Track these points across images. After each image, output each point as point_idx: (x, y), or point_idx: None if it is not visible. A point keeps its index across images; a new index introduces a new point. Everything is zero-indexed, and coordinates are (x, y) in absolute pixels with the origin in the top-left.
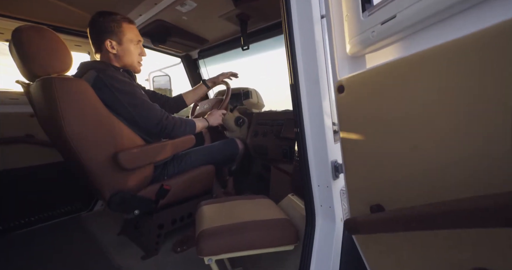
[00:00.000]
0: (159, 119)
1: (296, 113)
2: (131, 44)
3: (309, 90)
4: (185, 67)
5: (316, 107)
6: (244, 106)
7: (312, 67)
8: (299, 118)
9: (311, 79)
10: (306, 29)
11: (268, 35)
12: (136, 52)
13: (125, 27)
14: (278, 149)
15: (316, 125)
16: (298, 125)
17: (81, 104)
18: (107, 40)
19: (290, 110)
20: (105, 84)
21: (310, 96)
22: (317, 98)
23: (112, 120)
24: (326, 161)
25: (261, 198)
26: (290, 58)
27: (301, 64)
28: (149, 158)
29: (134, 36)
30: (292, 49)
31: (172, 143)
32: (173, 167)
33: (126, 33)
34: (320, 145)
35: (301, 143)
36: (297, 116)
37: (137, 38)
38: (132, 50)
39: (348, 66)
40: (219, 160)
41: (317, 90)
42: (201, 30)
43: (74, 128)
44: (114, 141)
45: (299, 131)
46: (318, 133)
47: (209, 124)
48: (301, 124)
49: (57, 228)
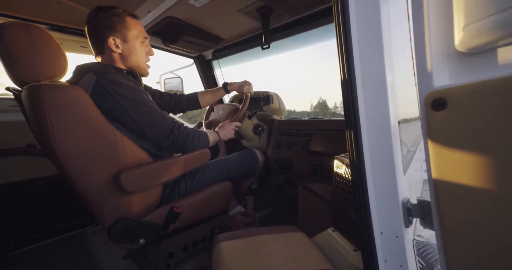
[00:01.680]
0: (170, 129)
1: (350, 129)
2: (137, 42)
3: (370, 100)
4: (198, 68)
5: (381, 125)
6: (263, 112)
7: (375, 67)
8: (354, 137)
9: (373, 84)
10: (368, 12)
11: (293, 31)
12: (143, 51)
13: (129, 22)
14: (306, 164)
15: (381, 150)
16: (353, 147)
17: (75, 116)
18: (110, 37)
19: (318, 118)
20: (107, 90)
21: (370, 108)
22: (382, 111)
23: (114, 134)
24: (394, 200)
25: (292, 232)
26: (343, 54)
27: (358, 62)
28: (157, 179)
29: (139, 32)
30: (347, 42)
31: (184, 159)
32: (185, 186)
33: (131, 29)
34: (384, 177)
35: (357, 172)
36: (352, 133)
37: (143, 35)
38: (138, 49)
39: (457, 68)
40: (237, 175)
41: (382, 100)
42: (216, 28)
43: (66, 145)
44: (116, 159)
45: (355, 155)
46: (382, 160)
47: (220, 138)
48: (358, 147)
49: (60, 246)
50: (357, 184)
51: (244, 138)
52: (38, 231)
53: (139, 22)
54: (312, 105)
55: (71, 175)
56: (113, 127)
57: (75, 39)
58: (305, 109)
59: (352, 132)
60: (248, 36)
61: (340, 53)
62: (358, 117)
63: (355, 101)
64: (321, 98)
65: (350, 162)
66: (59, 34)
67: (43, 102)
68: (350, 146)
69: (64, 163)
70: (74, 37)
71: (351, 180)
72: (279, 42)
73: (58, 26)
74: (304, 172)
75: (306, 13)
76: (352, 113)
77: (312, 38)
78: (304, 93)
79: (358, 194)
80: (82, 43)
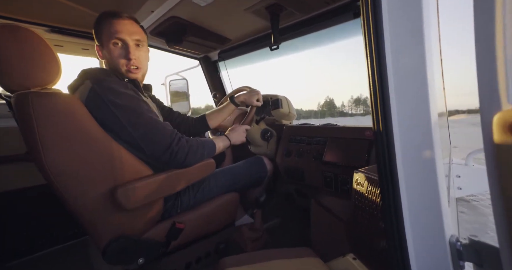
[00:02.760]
0: (169, 143)
1: (380, 140)
2: (110, 45)
3: (406, 104)
4: (203, 70)
5: (420, 136)
6: (272, 117)
7: (413, 68)
8: (385, 150)
9: (411, 85)
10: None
11: (304, 30)
12: (116, 54)
13: (103, 24)
14: (319, 176)
15: (420, 169)
16: (384, 163)
17: (67, 126)
18: (96, 45)
19: (332, 125)
20: (101, 98)
21: (406, 114)
22: (422, 119)
23: (110, 145)
24: (438, 237)
25: (306, 257)
26: (372, 49)
27: (390, 59)
28: (157, 193)
29: (111, 34)
30: (378, 34)
31: (186, 171)
32: (188, 198)
33: (104, 32)
34: (425, 205)
35: (388, 195)
36: (381, 145)
37: (115, 35)
38: (111, 52)
39: None
40: (244, 185)
41: (422, 106)
42: (222, 28)
43: (56, 160)
44: (112, 173)
45: (386, 174)
46: (422, 183)
47: (231, 143)
48: (391, 163)
49: (62, 255)
50: (389, 210)
51: (251, 144)
52: (39, 240)
53: (118, 23)
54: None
55: (61, 190)
56: (109, 138)
57: (76, 41)
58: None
59: (382, 143)
60: (255, 36)
61: (368, 48)
62: (391, 125)
63: (387, 106)
64: (328, 97)
65: (380, 181)
66: (59, 36)
67: (30, 111)
68: (380, 161)
69: (53, 176)
70: (75, 39)
71: (382, 205)
72: (288, 42)
73: (59, 27)
74: (317, 184)
75: (320, 11)
76: (382, 119)
77: (322, 37)
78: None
79: (389, 223)
80: (84, 45)
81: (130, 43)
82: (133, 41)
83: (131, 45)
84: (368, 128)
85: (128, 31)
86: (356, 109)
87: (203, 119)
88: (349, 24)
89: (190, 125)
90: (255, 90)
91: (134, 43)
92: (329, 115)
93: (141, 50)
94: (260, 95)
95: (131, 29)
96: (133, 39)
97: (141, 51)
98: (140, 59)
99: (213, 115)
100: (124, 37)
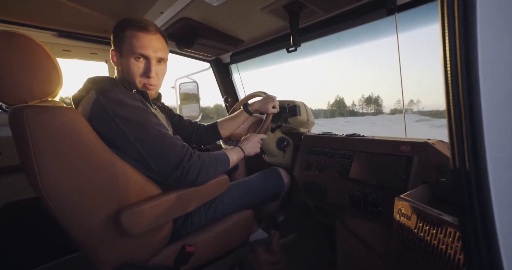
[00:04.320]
0: (179, 160)
1: (461, 158)
2: (131, 58)
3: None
4: (214, 73)
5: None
6: (289, 125)
7: None
8: (470, 175)
9: None
10: None
11: (327, 31)
12: (135, 69)
13: (128, 34)
14: (344, 193)
15: None
16: (473, 197)
17: (66, 144)
18: (111, 50)
19: (359, 136)
20: (106, 111)
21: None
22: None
23: (114, 164)
24: None
25: None
26: (454, 37)
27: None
28: (165, 216)
29: (134, 47)
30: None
31: (198, 190)
32: (199, 217)
33: (126, 42)
34: None
35: (479, 247)
36: (463, 165)
37: (139, 51)
38: (131, 66)
39: None
40: (259, 201)
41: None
42: (236, 28)
43: (52, 181)
44: (116, 194)
45: (476, 213)
46: None
47: (245, 155)
48: (483, 197)
49: (66, 268)
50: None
51: (266, 153)
52: (42, 252)
53: (144, 37)
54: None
55: (59, 214)
56: (114, 155)
57: (84, 45)
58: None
59: (463, 163)
60: (271, 37)
61: (451, 52)
62: (482, 141)
63: (476, 112)
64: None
65: (462, 224)
66: (67, 40)
67: (26, 127)
68: (464, 195)
69: (49, 199)
70: (83, 43)
71: (464, 261)
72: (308, 44)
73: (67, 32)
74: (341, 203)
75: (346, 8)
76: (468, 130)
77: (343, 38)
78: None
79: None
80: (92, 50)
81: (153, 60)
82: (156, 58)
83: (153, 62)
84: (403, 142)
85: (153, 48)
86: (367, 108)
87: (215, 127)
88: (376, 24)
89: (201, 134)
90: (271, 96)
91: (157, 60)
92: (339, 114)
93: (162, 65)
94: (276, 101)
95: (156, 45)
96: (157, 56)
97: (162, 66)
98: (158, 75)
99: (225, 124)
100: (148, 54)
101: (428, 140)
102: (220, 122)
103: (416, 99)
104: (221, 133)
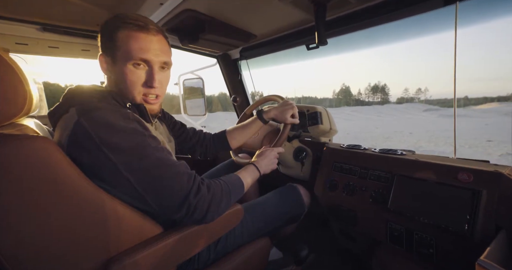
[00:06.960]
0: (185, 194)
1: None
2: (128, 64)
3: None
4: (221, 69)
5: None
6: (308, 133)
7: None
8: None
9: None
10: None
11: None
12: (134, 78)
13: (123, 35)
14: (380, 224)
15: None
16: None
17: (34, 184)
18: (100, 54)
19: (396, 152)
20: (90, 137)
21: None
22: None
23: (101, 203)
24: None
25: None
26: None
27: None
28: (168, 262)
29: (132, 52)
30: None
31: (206, 227)
32: (207, 252)
33: (121, 45)
34: None
35: None
36: None
37: (139, 55)
38: (128, 74)
39: None
40: (277, 227)
41: None
42: (247, 22)
43: (13, 237)
44: (105, 240)
45: None
46: None
47: (260, 174)
48: None
49: None
50: None
51: (281, 164)
52: None
53: (144, 38)
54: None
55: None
56: (99, 191)
57: (74, 41)
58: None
59: None
60: (287, 32)
61: None
62: None
63: None
64: (344, 84)
65: None
66: (54, 35)
67: None
68: None
69: (5, 260)
70: (73, 39)
71: None
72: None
73: (53, 25)
74: (376, 234)
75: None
76: None
77: (373, 35)
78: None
79: None
80: (83, 46)
81: (156, 66)
82: (160, 63)
83: (156, 69)
84: (461, 168)
85: (156, 51)
86: (374, 97)
87: (223, 137)
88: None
89: (207, 145)
90: (290, 102)
91: (160, 66)
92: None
93: (166, 72)
94: (296, 109)
95: (159, 48)
96: (160, 61)
97: (166, 73)
98: (162, 83)
99: (235, 133)
100: (151, 59)
101: (496, 166)
102: (230, 131)
103: (424, 88)
104: (231, 144)
